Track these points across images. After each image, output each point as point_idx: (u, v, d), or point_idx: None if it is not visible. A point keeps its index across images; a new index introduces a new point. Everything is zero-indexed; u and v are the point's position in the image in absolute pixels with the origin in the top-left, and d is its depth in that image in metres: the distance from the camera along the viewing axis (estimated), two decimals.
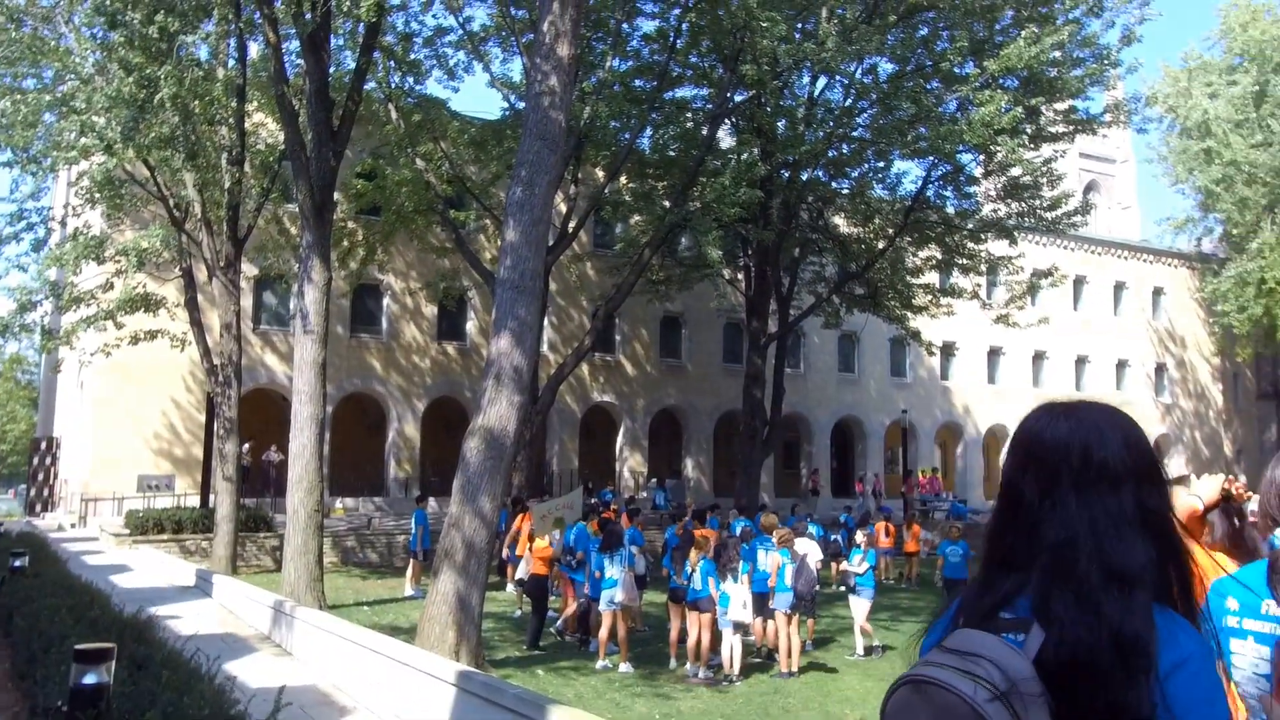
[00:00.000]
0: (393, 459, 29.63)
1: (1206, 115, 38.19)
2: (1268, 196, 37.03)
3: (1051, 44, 20.41)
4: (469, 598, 10.20)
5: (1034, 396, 41.51)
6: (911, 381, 39.37)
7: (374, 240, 25.24)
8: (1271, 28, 38.40)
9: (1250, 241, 37.61)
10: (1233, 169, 37.19)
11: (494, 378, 10.61)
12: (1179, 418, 45.29)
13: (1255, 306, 37.11)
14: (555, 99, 10.98)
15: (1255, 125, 37.63)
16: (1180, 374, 45.63)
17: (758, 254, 26.66)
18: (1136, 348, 44.28)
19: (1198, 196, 40.47)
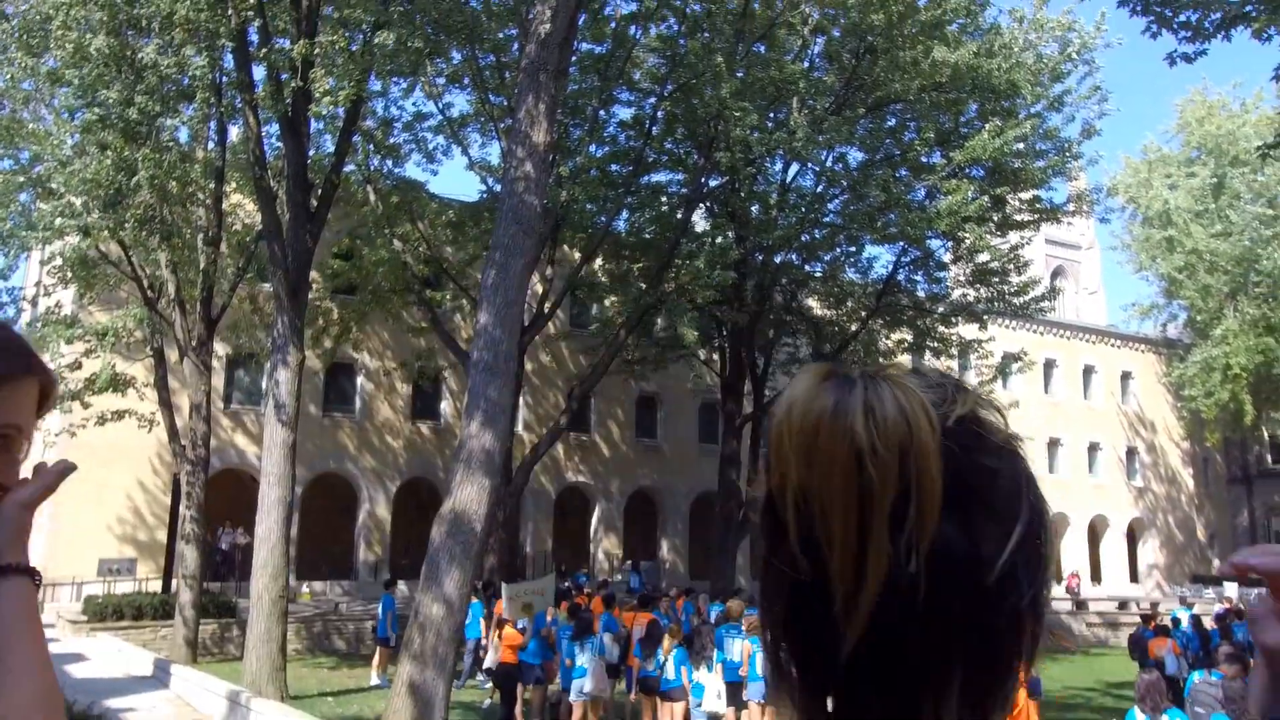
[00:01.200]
0: (363, 541, 29.09)
1: (1167, 205, 39.34)
2: (1229, 284, 37.95)
3: (1014, 136, 21.09)
4: (434, 689, 9.90)
5: None
6: None
7: (349, 319, 25.21)
8: (1226, 123, 39.89)
9: (1214, 328, 38.38)
10: (1194, 257, 38.17)
11: (464, 460, 10.50)
12: (1151, 501, 45.49)
13: (1221, 392, 37.66)
14: (530, 184, 11.15)
15: (1215, 215, 38.77)
16: (1151, 458, 45.99)
17: (732, 335, 26.87)
18: (1107, 431, 44.69)
19: (1161, 283, 41.42)
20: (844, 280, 26.74)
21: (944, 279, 27.07)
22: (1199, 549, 46.32)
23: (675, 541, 34.37)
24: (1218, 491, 47.58)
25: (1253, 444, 46.66)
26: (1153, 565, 44.92)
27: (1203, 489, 47.05)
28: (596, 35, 21.78)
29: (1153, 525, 45.23)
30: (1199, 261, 38.15)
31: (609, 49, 21.82)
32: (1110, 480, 44.40)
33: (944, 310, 26.51)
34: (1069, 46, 23.11)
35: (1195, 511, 46.70)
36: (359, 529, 29.19)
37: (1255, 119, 38.74)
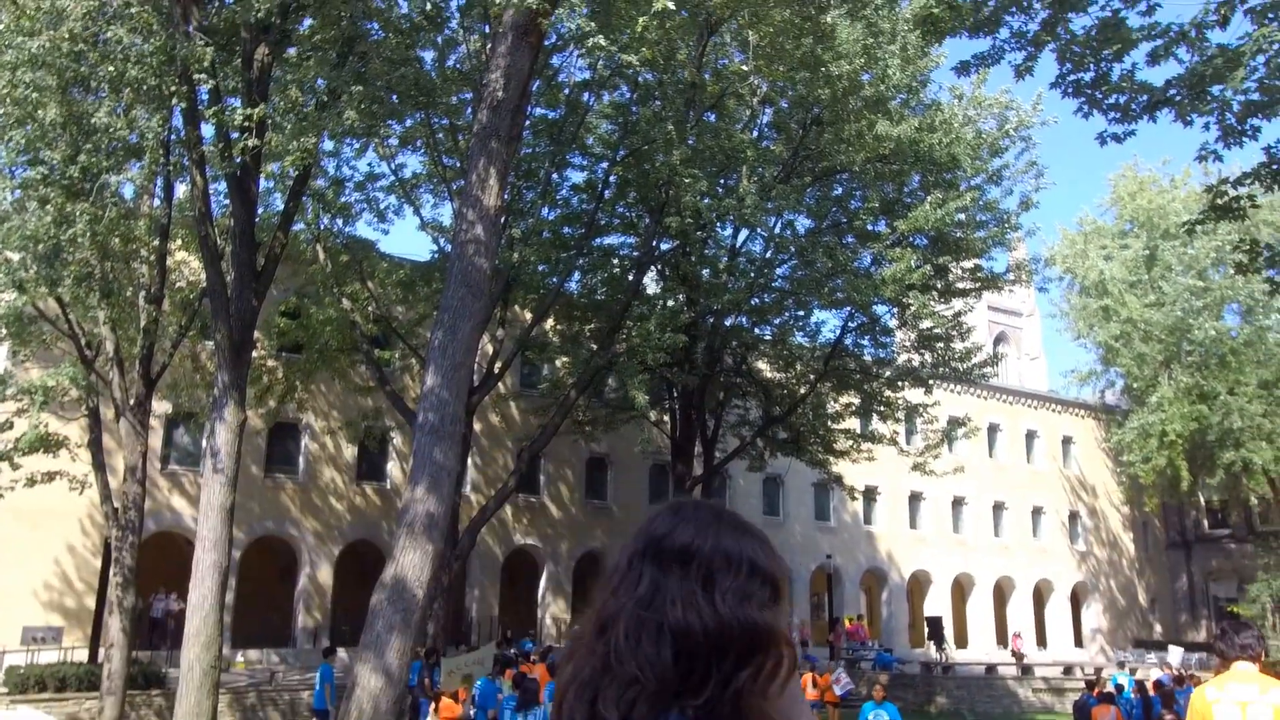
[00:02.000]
0: (302, 607, 28.23)
1: (1102, 275, 40.64)
2: (1163, 353, 39.12)
3: (955, 208, 21.75)
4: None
5: (954, 542, 42.03)
6: (836, 526, 39.51)
7: (294, 378, 24.84)
8: (1157, 198, 41.54)
9: (1150, 395, 39.43)
10: (1129, 326, 39.35)
11: (408, 525, 10.31)
12: (1094, 565, 46.11)
13: (1158, 458, 38.56)
14: (480, 247, 11.17)
15: (1148, 286, 40.12)
16: (1093, 522, 46.75)
17: (683, 397, 26.96)
18: (1050, 495, 45.39)
19: (1099, 351, 42.56)
20: (793, 344, 27.08)
21: (890, 344, 27.56)
22: (1141, 613, 46.94)
23: None
24: (1158, 556, 48.43)
25: (1190, 509, 47.72)
26: (1096, 629, 45.35)
27: (1143, 553, 47.86)
28: (550, 101, 22.12)
29: (1096, 589, 45.78)
30: (1134, 330, 39.33)
31: (563, 114, 22.17)
32: (1054, 544, 44.97)
33: (890, 375, 26.93)
34: (1006, 123, 24.03)
35: (1136, 576, 47.42)
36: (299, 594, 28.35)
37: (1184, 195, 40.43)
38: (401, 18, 14.53)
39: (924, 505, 41.68)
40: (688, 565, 1.26)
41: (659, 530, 1.32)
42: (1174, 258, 39.37)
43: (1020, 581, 43.40)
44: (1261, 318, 37.90)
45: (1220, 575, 46.44)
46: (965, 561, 42.04)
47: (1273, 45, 10.76)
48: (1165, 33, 11.49)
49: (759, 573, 1.27)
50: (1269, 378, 37.28)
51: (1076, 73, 12.09)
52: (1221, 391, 37.77)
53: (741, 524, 1.34)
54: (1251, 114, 11.64)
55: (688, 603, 1.22)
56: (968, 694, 28.92)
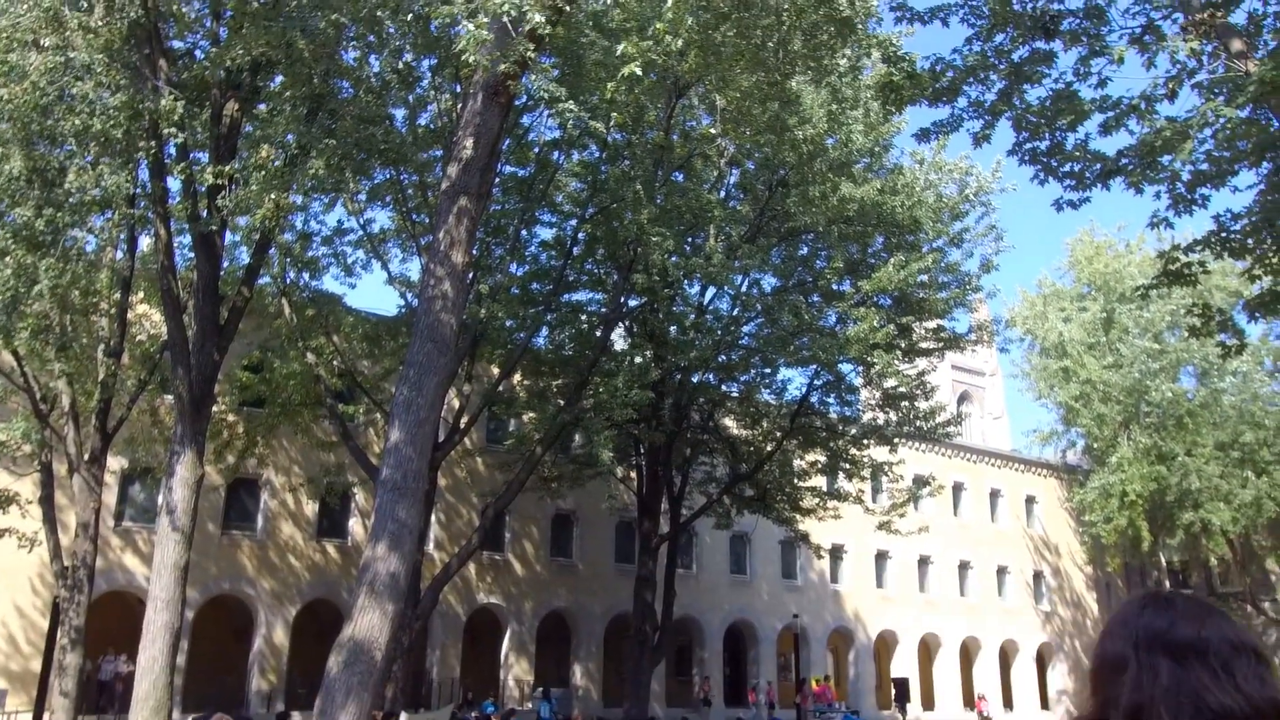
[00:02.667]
0: (257, 669, 27.42)
1: (1061, 337, 41.42)
2: (1122, 414, 39.77)
3: (918, 269, 22.16)
4: None
5: (921, 602, 41.92)
6: (802, 584, 39.30)
7: (255, 433, 24.47)
8: (1113, 262, 42.58)
9: (1110, 455, 39.97)
10: (1089, 387, 40.02)
11: (368, 584, 10.10)
12: (1058, 626, 46.18)
13: (1119, 518, 38.94)
14: (447, 303, 11.16)
15: (1106, 348, 40.93)
16: (1057, 582, 46.94)
17: (649, 453, 26.90)
18: (1014, 554, 45.57)
19: (1059, 411, 43.17)
20: (759, 401, 27.21)
21: (855, 402, 27.77)
22: None
23: (589, 666, 33.34)
24: None
25: (1151, 570, 48.06)
26: (1062, 691, 45.24)
27: (1107, 613, 47.93)
28: (520, 159, 22.37)
29: (1060, 649, 45.78)
30: (1093, 391, 40.00)
31: (532, 172, 22.40)
32: (1019, 603, 45.03)
33: (856, 433, 27.10)
34: (967, 188, 24.63)
35: None
36: (253, 656, 27.56)
37: (1139, 259, 41.49)
38: (373, 76, 14.69)
39: (890, 564, 41.64)
40: (1204, 655, 1.48)
41: (1159, 625, 1.53)
42: (1130, 321, 40.26)
43: (986, 642, 43.31)
44: (1216, 380, 38.73)
45: None
46: (932, 621, 41.92)
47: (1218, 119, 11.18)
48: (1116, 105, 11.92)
49: (1260, 656, 1.51)
50: (1225, 439, 37.98)
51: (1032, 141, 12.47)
52: (1179, 452, 38.38)
53: (1222, 611, 1.57)
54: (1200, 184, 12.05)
55: (1221, 689, 1.45)
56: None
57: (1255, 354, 36.70)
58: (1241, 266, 15.88)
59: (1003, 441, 55.93)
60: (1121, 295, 40.98)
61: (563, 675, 32.98)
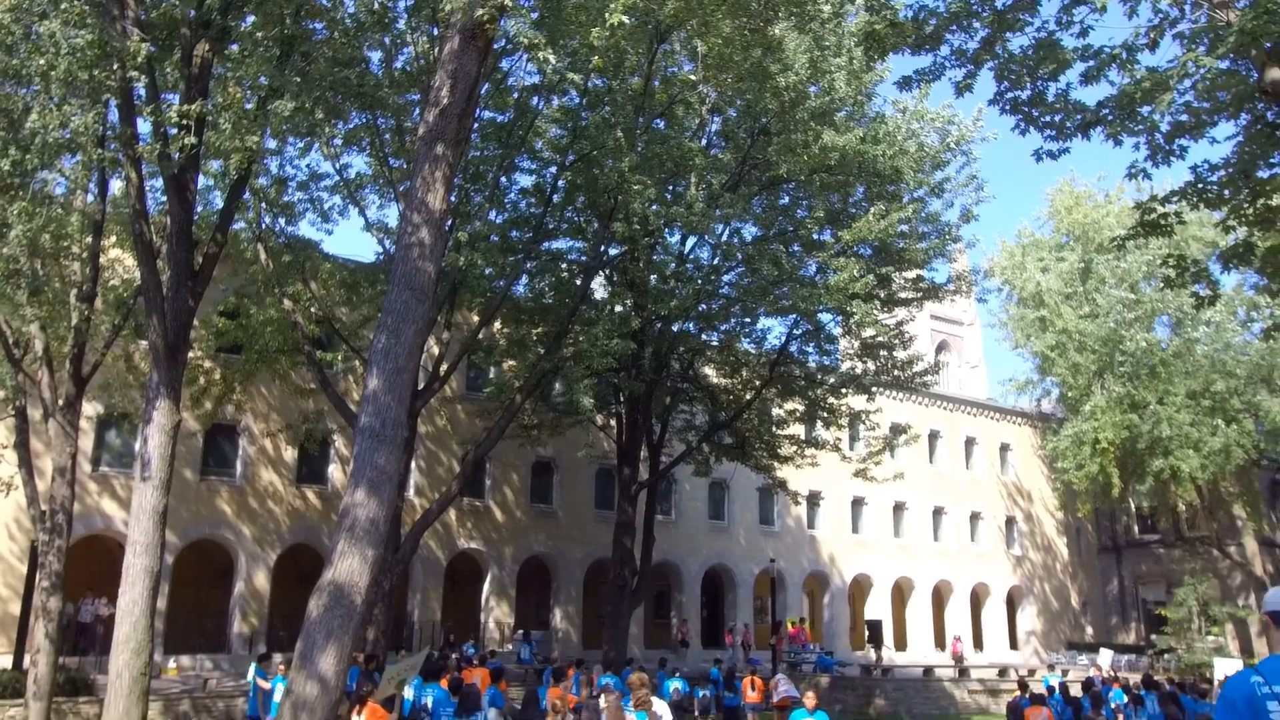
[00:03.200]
0: (238, 612, 27.66)
1: (1039, 287, 41.69)
2: (1097, 363, 40.23)
3: (898, 219, 22.14)
4: None
5: (895, 547, 42.69)
6: (780, 530, 39.88)
7: (232, 379, 24.36)
8: (1092, 212, 42.75)
9: (1084, 404, 40.51)
10: (1065, 337, 40.41)
11: (347, 530, 10.17)
12: (1029, 569, 47.19)
13: (1091, 465, 39.61)
14: (425, 250, 11.08)
15: (1083, 298, 41.25)
16: (1029, 527, 47.86)
17: (629, 402, 27.02)
18: (988, 501, 46.37)
19: (1035, 360, 43.62)
20: (739, 350, 27.31)
21: (834, 351, 27.94)
22: (1073, 616, 48.15)
23: (569, 609, 33.85)
24: (1089, 560, 49.72)
25: (1121, 515, 49.11)
26: (1030, 632, 46.40)
27: (1076, 558, 49.10)
28: (499, 104, 22.02)
29: (1030, 593, 46.84)
30: (1069, 341, 40.40)
31: (511, 118, 22.08)
32: (991, 548, 45.93)
33: (834, 382, 27.29)
34: (948, 137, 24.52)
35: (1069, 580, 48.63)
36: (234, 599, 27.78)
37: (1118, 209, 41.64)
38: (347, 17, 14.37)
39: (866, 510, 42.28)
40: None
41: None
42: (1108, 271, 40.52)
43: (959, 585, 44.24)
44: (1190, 330, 39.18)
45: (1149, 579, 47.84)
46: (906, 565, 42.73)
47: (1199, 70, 11.16)
48: (1098, 54, 11.86)
49: None
50: (1196, 388, 38.54)
51: (1014, 90, 12.42)
52: (1151, 401, 38.95)
53: None
54: (1179, 135, 12.07)
55: None
56: (905, 696, 29.40)
57: (1229, 304, 37.10)
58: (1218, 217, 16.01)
59: (979, 390, 56.52)
60: (1099, 245, 41.19)
61: (543, 618, 33.48)
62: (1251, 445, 38.67)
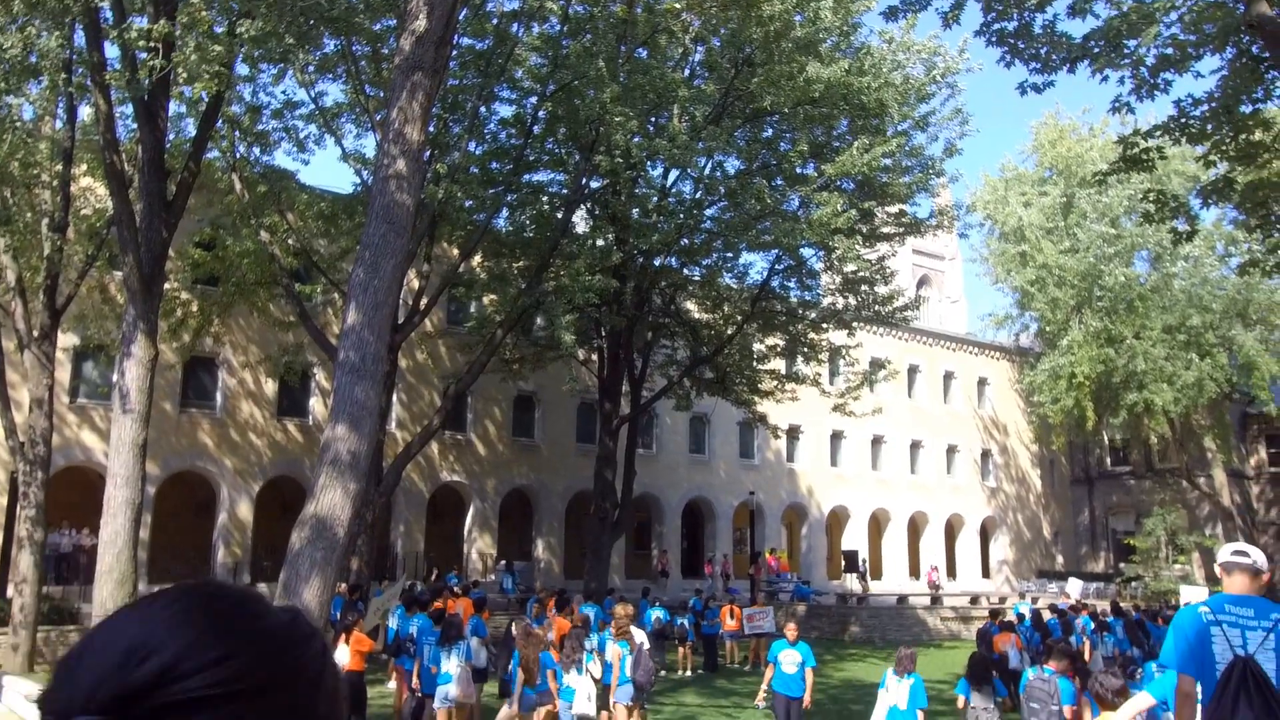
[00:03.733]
0: (222, 542, 27.88)
1: (1021, 222, 41.66)
2: (1075, 298, 40.47)
3: (882, 153, 21.96)
4: None
5: (873, 480, 43.34)
6: (759, 463, 40.37)
7: (210, 312, 24.14)
8: (1076, 145, 42.52)
9: (1061, 338, 40.87)
10: (1045, 272, 40.54)
11: (329, 464, 10.20)
12: (1003, 501, 48.11)
13: (1067, 399, 40.13)
14: (403, 183, 10.92)
15: (1064, 233, 41.29)
16: (1003, 460, 48.64)
17: (611, 336, 27.02)
18: (965, 434, 47.01)
19: (1015, 295, 43.81)
20: (721, 285, 27.27)
21: (815, 287, 27.95)
22: (1045, 546, 49.30)
23: (551, 541, 34.31)
24: (1062, 492, 50.73)
25: (1094, 448, 49.96)
26: (1002, 561, 47.51)
27: (1049, 489, 50.07)
28: (477, 31, 21.52)
29: (1004, 523, 47.84)
30: (1049, 276, 40.55)
31: (490, 45, 21.60)
32: (966, 480, 46.73)
33: (815, 317, 27.36)
34: (934, 69, 24.22)
35: (1042, 510, 49.66)
36: (218, 530, 27.98)
37: (1101, 143, 41.45)
38: None
39: (845, 444, 42.80)
40: None
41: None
42: (1089, 205, 40.51)
43: (934, 516, 45.10)
44: (1168, 265, 39.39)
45: (1119, 510, 48.92)
46: (883, 497, 43.47)
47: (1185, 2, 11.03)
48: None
49: None
50: (1172, 323, 38.93)
51: (1001, 21, 12.24)
52: (1128, 335, 39.34)
53: None
54: (1164, 68, 11.98)
55: None
56: (879, 623, 30.16)
57: (1207, 239, 37.23)
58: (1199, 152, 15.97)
59: (959, 325, 56.86)
60: (1082, 180, 41.07)
61: (525, 549, 33.94)
62: (1224, 379, 39.26)
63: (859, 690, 18.37)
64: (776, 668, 11.33)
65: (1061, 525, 50.10)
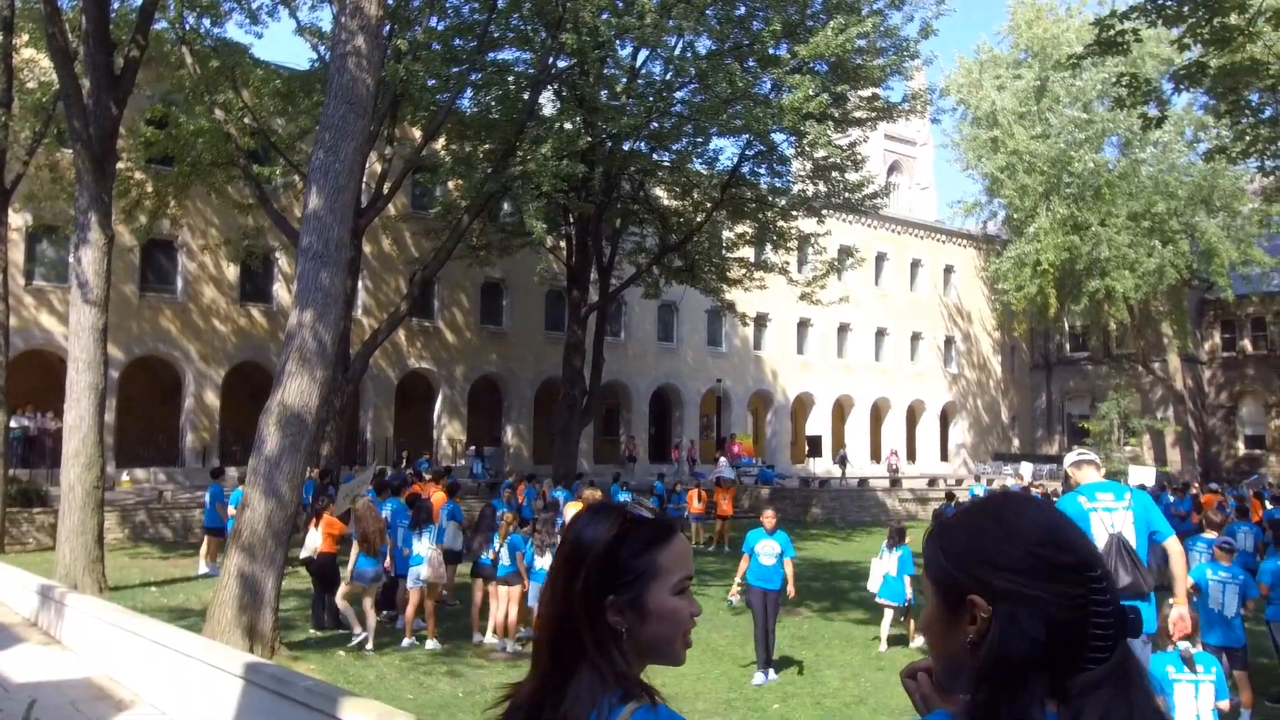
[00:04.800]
0: (189, 427, 27.89)
1: (994, 106, 41.16)
2: (1044, 185, 40.45)
3: (857, 33, 21.38)
4: (262, 582, 9.80)
5: (838, 366, 43.97)
6: (726, 351, 40.72)
7: (166, 193, 23.46)
8: (1053, 26, 41.72)
9: (1028, 226, 41.04)
10: (1015, 158, 40.34)
11: (295, 351, 10.15)
12: (964, 387, 49.13)
13: (1031, 286, 40.59)
14: (362, 60, 10.52)
15: (1036, 118, 40.93)
16: (966, 346, 49.44)
17: (579, 223, 26.70)
18: (929, 321, 47.58)
19: (985, 182, 43.67)
20: (690, 171, 26.86)
21: (786, 173, 27.61)
22: (1002, 430, 50.68)
23: (520, 426, 34.68)
24: (1021, 377, 51.86)
25: (1054, 334, 50.86)
26: (961, 445, 48.87)
27: (1009, 375, 51.14)
28: None
29: (964, 408, 48.98)
30: (1019, 162, 40.38)
31: None
32: (929, 367, 47.55)
33: (785, 204, 27.13)
34: None
35: (1001, 396, 50.84)
36: (185, 415, 27.93)
37: (1078, 25, 40.70)
38: None
39: (811, 331, 43.19)
40: None
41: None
42: (1062, 90, 40.07)
43: (896, 402, 46.02)
44: (1137, 151, 39.37)
45: (1075, 395, 50.21)
46: (847, 383, 44.19)
47: None
48: None
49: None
50: (1138, 209, 39.15)
51: None
52: (1094, 222, 39.58)
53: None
54: None
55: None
56: (840, 505, 31.12)
57: (1177, 124, 37.07)
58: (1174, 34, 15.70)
59: (928, 212, 56.75)
60: (1057, 62, 40.48)
61: (494, 435, 34.31)
62: (1184, 265, 39.82)
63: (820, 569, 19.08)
64: (753, 559, 10.39)
65: (1019, 410, 51.40)
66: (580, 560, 1.38)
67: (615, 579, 1.37)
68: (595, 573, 1.37)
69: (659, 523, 1.43)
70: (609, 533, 1.39)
